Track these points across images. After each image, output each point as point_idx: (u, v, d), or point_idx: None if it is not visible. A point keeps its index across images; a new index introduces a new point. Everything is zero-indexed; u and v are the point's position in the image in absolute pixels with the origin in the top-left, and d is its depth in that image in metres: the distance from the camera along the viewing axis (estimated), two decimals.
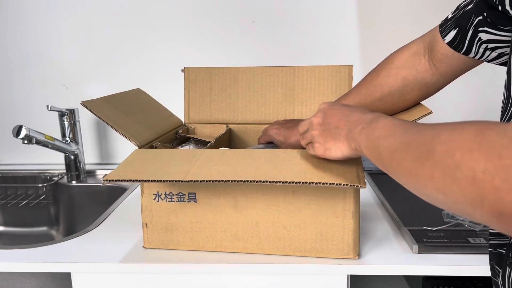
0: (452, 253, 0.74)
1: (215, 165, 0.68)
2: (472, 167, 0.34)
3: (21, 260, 0.75)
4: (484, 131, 0.35)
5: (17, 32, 1.29)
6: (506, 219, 0.32)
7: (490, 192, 0.32)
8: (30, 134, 1.06)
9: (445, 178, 0.37)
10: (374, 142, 0.52)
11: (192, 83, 1.00)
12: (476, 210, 0.34)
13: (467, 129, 0.37)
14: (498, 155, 0.32)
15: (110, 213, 0.95)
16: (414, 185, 0.44)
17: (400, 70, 0.74)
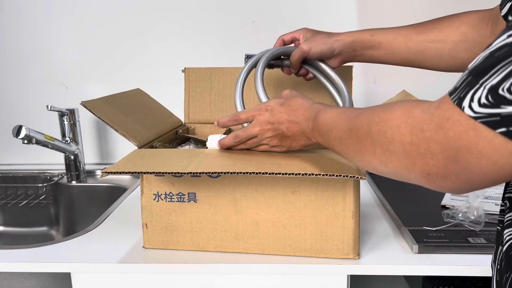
0: (452, 253, 0.74)
1: (215, 160, 0.68)
2: (401, 140, 0.41)
3: (21, 260, 0.75)
4: (410, 109, 0.42)
5: (17, 32, 1.29)
6: (432, 178, 0.40)
7: (418, 158, 0.40)
8: (30, 134, 1.06)
9: (384, 152, 0.44)
10: (325, 136, 0.58)
11: (192, 83, 1.00)
12: (411, 174, 0.42)
13: (396, 109, 0.43)
14: (421, 129, 0.39)
15: (110, 213, 0.95)
16: (363, 163, 0.50)
17: (463, 25, 0.72)
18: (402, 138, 0.41)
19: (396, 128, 0.42)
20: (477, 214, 0.81)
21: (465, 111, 0.36)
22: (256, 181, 0.72)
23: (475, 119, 0.35)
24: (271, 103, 0.68)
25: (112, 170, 0.64)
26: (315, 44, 0.80)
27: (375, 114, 0.46)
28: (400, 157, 0.42)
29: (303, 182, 0.70)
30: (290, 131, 0.65)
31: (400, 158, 0.42)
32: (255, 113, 0.68)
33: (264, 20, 1.23)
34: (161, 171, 0.64)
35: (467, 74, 0.38)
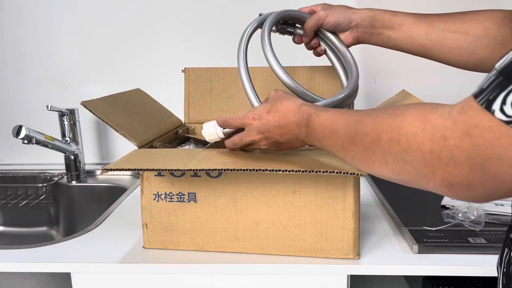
0: (452, 253, 0.74)
1: (215, 159, 0.68)
2: (419, 148, 0.38)
3: (21, 260, 0.75)
4: (426, 115, 0.39)
5: (17, 32, 1.29)
6: (455, 187, 0.37)
7: (439, 167, 0.37)
8: (30, 134, 1.06)
9: (398, 161, 0.41)
10: (323, 142, 0.55)
11: (192, 83, 1.00)
12: (430, 183, 0.39)
13: (409, 115, 0.40)
14: (443, 137, 0.37)
15: (110, 213, 0.95)
16: (372, 171, 0.47)
17: (487, 21, 0.69)
18: (420, 146, 0.38)
19: (411, 135, 0.39)
20: (477, 214, 0.81)
21: (496, 115, 0.33)
22: (256, 181, 0.72)
23: (508, 124, 0.33)
24: (258, 110, 0.64)
25: (112, 167, 0.64)
26: (333, 12, 0.77)
27: (383, 120, 0.43)
28: (418, 166, 0.39)
29: (303, 182, 0.70)
30: (284, 138, 0.63)
31: (418, 167, 0.39)
32: (244, 122, 0.65)
33: None
34: (161, 168, 0.65)
35: (496, 75, 0.35)
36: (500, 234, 0.78)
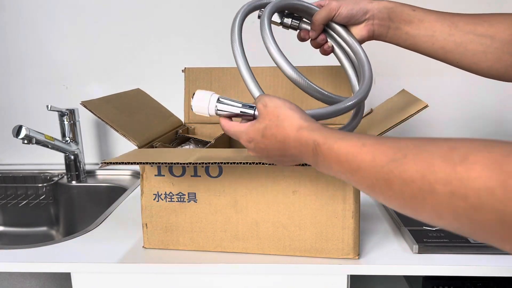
0: (452, 253, 0.74)
1: (215, 154, 0.68)
2: (497, 208, 0.31)
3: (21, 260, 0.75)
4: (502, 165, 0.31)
5: (17, 32, 1.28)
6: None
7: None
8: (30, 134, 1.06)
9: (459, 218, 0.33)
10: (341, 176, 0.46)
11: (192, 83, 1.00)
12: (506, 245, 0.33)
13: (476, 163, 0.32)
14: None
15: (110, 213, 0.95)
16: (417, 217, 0.39)
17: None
18: (499, 206, 0.30)
19: (486, 193, 0.31)
20: None
21: None
22: (256, 181, 0.72)
23: None
24: (251, 132, 0.55)
25: (112, 161, 0.64)
26: (346, 2, 0.69)
27: (435, 166, 0.34)
28: (491, 226, 0.32)
29: (303, 182, 0.70)
30: (286, 161, 0.56)
31: (490, 228, 0.32)
32: (238, 136, 0.58)
33: None
34: (160, 161, 0.65)
35: None
36: None
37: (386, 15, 0.68)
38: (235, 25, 0.71)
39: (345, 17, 0.70)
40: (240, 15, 0.72)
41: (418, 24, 0.66)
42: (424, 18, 0.66)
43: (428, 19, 0.66)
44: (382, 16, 0.68)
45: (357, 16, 0.69)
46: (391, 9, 0.68)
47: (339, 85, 0.95)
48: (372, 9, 0.68)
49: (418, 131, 1.26)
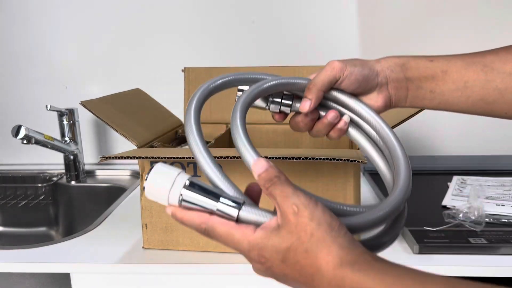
0: (452, 254, 0.74)
1: (215, 154, 0.68)
2: None
3: (20, 260, 0.75)
4: None
5: (17, 32, 1.28)
6: None
7: None
8: (30, 134, 1.05)
9: None
10: None
11: (192, 83, 1.00)
12: None
13: None
14: None
15: (109, 213, 0.95)
16: None
17: None
18: None
19: None
20: (478, 215, 0.81)
21: None
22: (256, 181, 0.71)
23: None
24: (266, 249, 0.37)
25: (111, 156, 0.65)
26: (352, 63, 0.52)
27: None
28: None
29: (303, 182, 0.70)
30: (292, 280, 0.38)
31: None
32: (237, 244, 0.39)
33: (264, 20, 1.23)
34: (160, 155, 0.65)
35: None
36: (501, 235, 0.77)
37: (401, 75, 0.53)
38: (190, 114, 0.46)
39: (354, 82, 0.51)
40: (194, 102, 0.48)
41: (443, 77, 0.52)
42: (448, 67, 0.52)
43: (453, 68, 0.52)
44: (397, 77, 0.53)
45: (369, 79, 0.52)
46: (404, 66, 0.53)
47: None
48: (383, 69, 0.53)
49: (418, 131, 1.26)
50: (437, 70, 0.53)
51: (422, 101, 0.54)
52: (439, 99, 0.53)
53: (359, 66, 0.52)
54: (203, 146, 0.43)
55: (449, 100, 0.53)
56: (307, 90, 0.51)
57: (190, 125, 0.44)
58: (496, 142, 1.24)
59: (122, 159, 0.69)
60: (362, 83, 0.52)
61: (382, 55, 0.59)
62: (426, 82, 0.53)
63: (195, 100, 0.47)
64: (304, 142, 1.00)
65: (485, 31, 1.17)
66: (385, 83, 0.53)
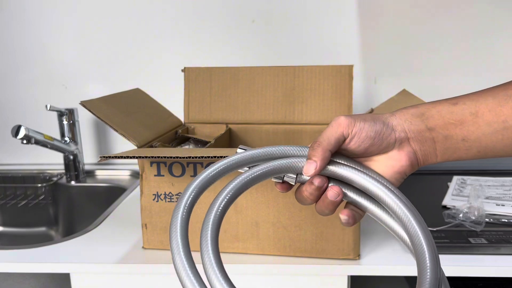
0: (453, 254, 0.74)
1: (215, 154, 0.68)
2: None
3: (20, 261, 0.75)
4: None
5: (17, 32, 1.28)
6: None
7: None
8: (29, 134, 1.05)
9: None
10: None
11: (192, 83, 1.00)
12: None
13: None
14: None
15: (109, 214, 0.95)
16: None
17: None
18: None
19: None
20: (478, 215, 0.81)
21: None
22: None
23: None
24: None
25: (110, 155, 0.65)
26: (360, 118, 0.44)
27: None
28: None
29: None
30: None
31: None
32: None
33: (264, 20, 1.23)
34: (159, 155, 0.65)
35: None
36: (501, 235, 0.77)
37: (423, 125, 0.45)
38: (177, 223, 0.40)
39: (365, 140, 0.44)
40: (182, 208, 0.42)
41: (474, 120, 0.44)
42: (477, 108, 0.44)
43: (484, 108, 0.43)
44: (418, 129, 0.45)
45: (383, 135, 0.44)
46: (424, 115, 0.45)
47: (339, 84, 0.95)
48: (399, 123, 0.45)
49: None
50: (464, 113, 0.44)
51: (457, 153, 0.45)
52: (476, 147, 0.44)
53: (370, 121, 0.44)
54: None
55: (489, 145, 0.44)
56: (311, 150, 0.43)
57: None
58: None
59: (122, 159, 0.69)
60: (375, 141, 0.44)
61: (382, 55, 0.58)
62: (454, 129, 0.44)
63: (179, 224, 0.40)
64: (304, 142, 1.00)
65: (487, 32, 1.17)
66: (405, 138, 0.45)
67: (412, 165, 0.45)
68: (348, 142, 0.44)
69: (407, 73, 1.22)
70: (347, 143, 0.44)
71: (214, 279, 0.38)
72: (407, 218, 0.41)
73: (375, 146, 0.44)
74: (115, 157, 0.65)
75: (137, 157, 0.65)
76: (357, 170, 0.44)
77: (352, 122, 0.43)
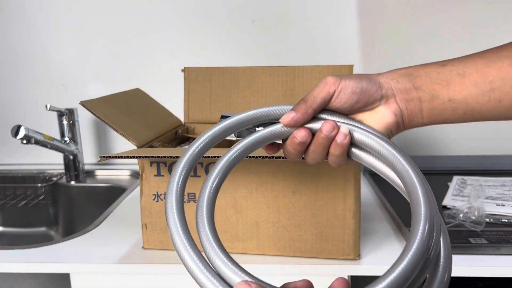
0: (453, 254, 0.73)
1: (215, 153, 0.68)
2: None
3: (20, 261, 0.75)
4: None
5: (17, 31, 1.28)
6: None
7: None
8: (29, 134, 1.05)
9: None
10: None
11: (192, 83, 1.00)
12: None
13: None
14: None
15: (109, 214, 0.95)
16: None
17: None
18: None
19: None
20: (478, 215, 0.81)
21: None
22: (256, 181, 0.71)
23: None
24: None
25: (110, 155, 0.65)
26: (347, 77, 0.45)
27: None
28: None
29: (303, 182, 0.70)
30: None
31: None
32: None
33: (264, 19, 1.23)
34: (159, 155, 0.65)
35: None
36: (501, 235, 0.77)
37: (409, 84, 0.45)
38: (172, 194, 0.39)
39: (350, 95, 0.44)
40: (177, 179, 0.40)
41: (460, 81, 0.43)
42: (465, 69, 0.43)
43: (472, 69, 0.43)
44: (405, 87, 0.45)
45: (369, 92, 0.45)
46: (412, 75, 0.45)
47: None
48: (386, 81, 0.45)
49: (419, 131, 1.25)
50: (452, 74, 0.44)
51: (443, 114, 0.45)
52: (463, 109, 0.44)
53: (356, 78, 0.45)
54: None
55: (476, 108, 0.43)
56: (296, 105, 0.44)
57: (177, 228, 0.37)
58: (496, 142, 1.24)
59: (122, 159, 0.69)
60: (361, 97, 0.44)
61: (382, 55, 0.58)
62: (441, 90, 0.44)
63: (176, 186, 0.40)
64: None
65: (487, 33, 1.17)
66: (391, 96, 0.45)
67: (398, 124, 0.46)
68: (334, 100, 0.45)
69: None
70: (333, 101, 0.45)
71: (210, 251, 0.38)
72: (394, 157, 0.41)
73: (361, 102, 0.45)
74: (115, 157, 0.65)
75: (137, 157, 0.65)
76: (341, 121, 0.45)
77: (338, 80, 0.44)
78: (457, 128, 1.24)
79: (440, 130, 1.25)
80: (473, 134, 1.24)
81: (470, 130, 1.24)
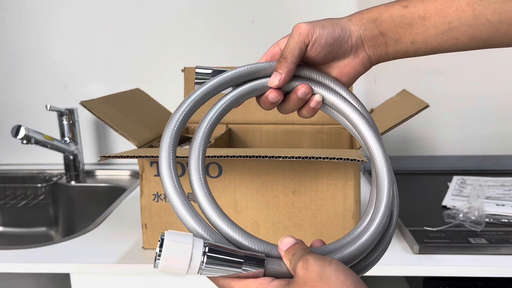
0: (453, 254, 0.74)
1: (215, 153, 0.68)
2: None
3: (20, 261, 0.75)
4: None
5: (17, 31, 1.28)
6: None
7: None
8: (29, 134, 1.05)
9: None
10: None
11: (192, 82, 1.00)
12: None
13: None
14: None
15: (109, 214, 0.95)
16: None
17: None
18: None
19: None
20: (478, 215, 0.81)
21: None
22: (256, 181, 0.71)
23: None
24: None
25: (110, 155, 0.65)
26: (320, 24, 0.47)
27: None
28: None
29: (303, 182, 0.70)
30: None
31: None
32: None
33: (264, 19, 1.23)
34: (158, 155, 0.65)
35: None
36: (501, 235, 0.77)
37: (376, 31, 0.48)
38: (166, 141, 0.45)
39: (324, 46, 0.47)
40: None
41: (421, 23, 0.46)
42: (426, 11, 0.46)
43: (432, 10, 0.45)
44: (372, 34, 0.48)
45: (341, 42, 0.47)
46: (378, 20, 0.48)
47: None
48: (356, 29, 0.48)
49: (419, 131, 1.25)
50: (414, 16, 0.46)
51: (407, 54, 0.49)
52: (424, 49, 0.48)
53: (329, 27, 0.47)
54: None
55: (435, 47, 0.47)
56: (278, 63, 0.49)
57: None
58: (496, 142, 1.24)
59: (122, 159, 0.69)
60: (334, 47, 0.47)
61: None
62: (404, 33, 0.47)
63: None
64: (304, 142, 1.00)
65: None
66: (360, 45, 0.48)
67: (365, 69, 0.50)
68: (309, 50, 0.47)
69: (407, 73, 1.22)
70: (308, 51, 0.47)
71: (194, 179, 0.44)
72: (363, 126, 0.47)
73: (333, 52, 0.48)
74: (115, 157, 0.65)
75: (137, 157, 0.65)
76: (315, 78, 0.49)
77: (312, 29, 0.46)
78: (457, 128, 1.24)
79: (440, 130, 1.25)
80: (473, 134, 1.24)
81: (470, 131, 1.24)
